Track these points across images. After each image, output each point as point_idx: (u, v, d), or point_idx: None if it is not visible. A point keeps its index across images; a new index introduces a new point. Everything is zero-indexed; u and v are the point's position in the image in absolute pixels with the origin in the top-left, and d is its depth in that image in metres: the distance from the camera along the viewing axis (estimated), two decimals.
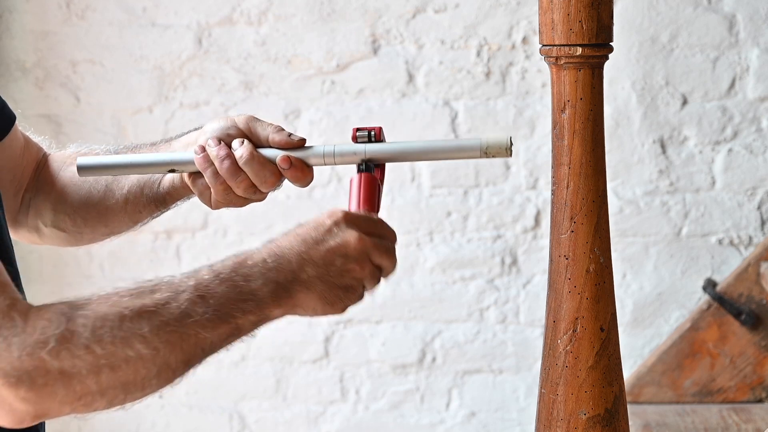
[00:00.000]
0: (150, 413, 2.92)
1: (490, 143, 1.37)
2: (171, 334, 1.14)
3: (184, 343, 1.15)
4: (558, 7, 1.39)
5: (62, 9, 2.79)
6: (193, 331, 1.16)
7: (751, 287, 2.70)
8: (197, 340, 1.16)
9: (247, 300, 1.20)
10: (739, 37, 2.71)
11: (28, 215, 1.58)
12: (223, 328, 1.18)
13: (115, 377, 1.12)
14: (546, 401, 1.44)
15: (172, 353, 1.14)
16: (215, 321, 1.17)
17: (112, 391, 1.13)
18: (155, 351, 1.13)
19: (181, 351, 1.15)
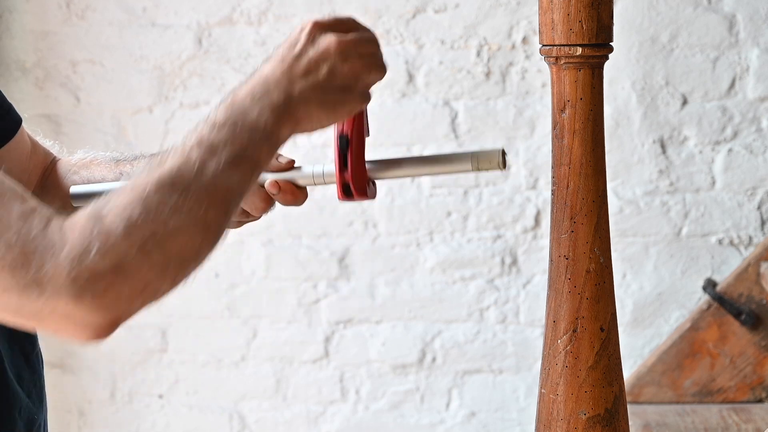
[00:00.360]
0: (150, 413, 2.93)
1: (480, 158, 1.34)
2: (198, 193, 1.14)
3: (213, 196, 1.15)
4: (558, 7, 1.39)
5: (62, 9, 2.79)
6: (217, 181, 1.15)
7: (751, 287, 2.70)
8: (225, 189, 1.16)
9: (252, 132, 1.21)
10: (739, 37, 2.71)
11: None
12: (243, 167, 1.18)
13: (165, 254, 1.11)
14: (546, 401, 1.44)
15: (208, 210, 1.14)
16: (233, 164, 1.17)
17: (170, 268, 1.12)
18: (190, 214, 1.13)
19: (215, 205, 1.15)
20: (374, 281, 2.84)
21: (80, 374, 2.92)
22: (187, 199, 1.13)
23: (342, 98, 1.27)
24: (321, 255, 2.84)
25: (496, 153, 1.34)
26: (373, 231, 2.82)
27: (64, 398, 2.90)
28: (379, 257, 2.83)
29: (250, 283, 2.86)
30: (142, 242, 1.09)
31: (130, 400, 2.93)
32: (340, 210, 2.81)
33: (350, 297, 2.85)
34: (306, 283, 2.85)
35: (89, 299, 1.07)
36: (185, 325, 2.88)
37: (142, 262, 1.09)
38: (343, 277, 2.84)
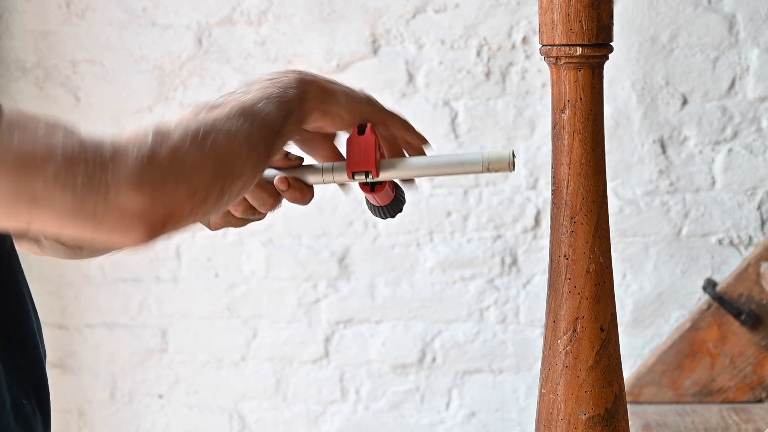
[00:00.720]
0: (150, 413, 2.93)
1: (491, 159, 1.37)
2: (243, 116, 1.21)
3: (254, 120, 1.22)
4: (558, 7, 1.38)
5: (62, 9, 2.79)
6: (260, 114, 1.23)
7: (751, 287, 2.70)
8: (264, 120, 1.23)
9: (280, 104, 1.29)
10: (739, 37, 2.71)
11: None
12: (281, 110, 1.28)
13: (218, 159, 1.16)
14: (546, 401, 1.44)
15: (251, 128, 1.21)
16: (273, 108, 1.26)
17: (221, 171, 1.16)
18: (239, 129, 1.19)
19: (258, 124, 1.22)
20: (374, 281, 2.84)
21: (80, 374, 2.92)
22: (232, 116, 1.20)
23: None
24: (321, 255, 2.84)
25: (507, 155, 1.36)
26: (373, 231, 2.82)
27: (64, 398, 2.90)
28: (379, 257, 2.83)
29: (250, 283, 2.86)
30: (196, 141, 1.15)
31: (130, 400, 2.93)
32: (340, 210, 2.82)
33: (350, 297, 2.85)
34: (306, 283, 2.85)
35: (149, 188, 1.09)
36: (185, 325, 2.88)
37: (197, 159, 1.14)
38: (343, 277, 2.84)
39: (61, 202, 1.07)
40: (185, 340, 2.89)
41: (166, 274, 2.86)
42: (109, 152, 1.09)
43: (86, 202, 1.07)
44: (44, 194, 1.06)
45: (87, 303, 2.89)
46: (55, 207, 1.07)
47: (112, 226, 1.10)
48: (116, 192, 1.08)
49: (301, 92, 1.34)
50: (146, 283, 2.86)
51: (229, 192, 1.18)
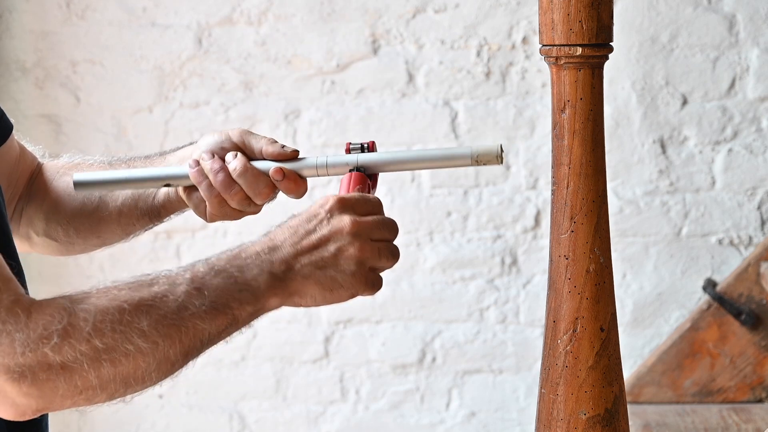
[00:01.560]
0: (150, 413, 2.93)
1: (480, 151, 1.38)
2: (169, 328, 1.15)
3: (182, 335, 1.16)
4: (558, 7, 1.39)
5: (62, 9, 2.79)
6: (191, 323, 1.17)
7: (751, 287, 2.70)
8: (195, 332, 1.17)
9: (242, 290, 1.21)
10: (739, 37, 2.71)
11: (20, 223, 1.59)
12: (221, 320, 1.19)
13: (115, 371, 1.13)
14: (546, 401, 1.44)
15: (171, 346, 1.16)
16: (212, 312, 1.18)
17: (113, 384, 1.14)
18: (154, 344, 1.14)
19: (180, 343, 1.16)
20: None
21: None
22: (158, 328, 1.15)
23: (342, 281, 1.26)
24: None
25: (495, 148, 1.37)
26: None
27: None
28: None
29: None
30: (100, 352, 1.11)
31: (131, 400, 2.92)
32: None
33: None
34: None
35: (27, 384, 1.09)
36: None
37: (91, 370, 1.11)
38: None
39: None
40: None
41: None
42: (6, 333, 1.08)
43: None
44: None
45: None
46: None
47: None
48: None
49: (269, 286, 1.23)
50: None
51: (123, 395, 1.17)
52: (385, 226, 1.29)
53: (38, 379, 1.09)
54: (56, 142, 2.82)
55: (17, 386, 1.09)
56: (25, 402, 1.10)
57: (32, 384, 1.09)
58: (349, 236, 1.26)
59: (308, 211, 1.29)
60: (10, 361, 1.08)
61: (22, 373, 1.08)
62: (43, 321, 1.10)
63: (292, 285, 1.24)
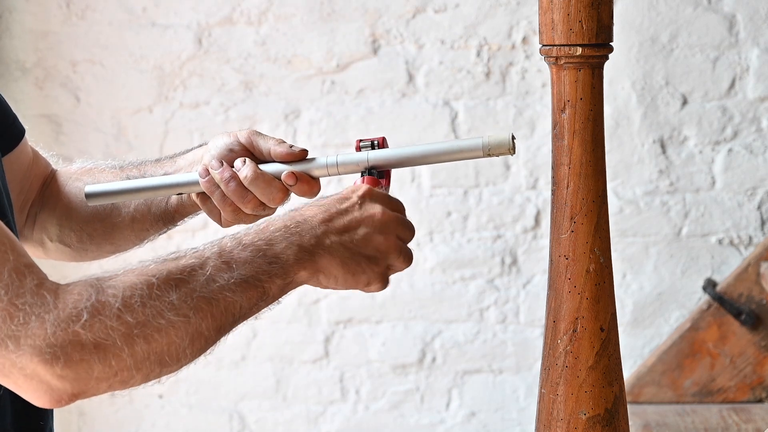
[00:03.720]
0: (150, 413, 2.93)
1: (491, 143, 1.38)
2: (200, 300, 1.14)
3: (213, 309, 1.15)
4: (558, 7, 1.39)
5: (62, 9, 2.79)
6: (222, 296, 1.16)
7: (751, 287, 2.70)
8: (227, 306, 1.16)
9: (271, 263, 1.20)
10: (739, 37, 2.71)
11: (33, 229, 1.58)
12: (251, 292, 1.19)
13: (149, 347, 1.11)
14: (546, 401, 1.44)
15: (204, 320, 1.14)
16: (242, 285, 1.18)
17: (148, 363, 1.12)
18: (186, 318, 1.13)
19: (212, 317, 1.15)
20: None
21: None
22: (188, 302, 1.13)
23: (365, 267, 1.26)
24: None
25: (506, 138, 1.36)
26: None
27: None
28: None
29: None
30: (131, 327, 1.09)
31: (130, 400, 2.93)
32: None
33: (350, 297, 2.85)
34: None
35: (60, 366, 1.07)
36: None
37: (124, 347, 1.09)
38: None
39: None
40: None
41: None
42: (36, 315, 1.06)
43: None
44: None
45: None
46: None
47: (18, 387, 1.08)
48: (27, 359, 1.06)
49: (298, 259, 1.22)
50: None
51: (159, 375, 1.15)
52: (408, 227, 1.30)
53: (72, 360, 1.07)
54: (56, 142, 2.82)
55: (51, 368, 1.06)
56: (61, 386, 1.07)
57: (66, 365, 1.07)
58: (379, 225, 1.27)
59: (340, 194, 1.29)
60: (41, 343, 1.06)
61: (54, 354, 1.06)
62: (72, 300, 1.08)
63: (321, 261, 1.23)
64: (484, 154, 1.38)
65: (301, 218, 1.25)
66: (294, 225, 1.24)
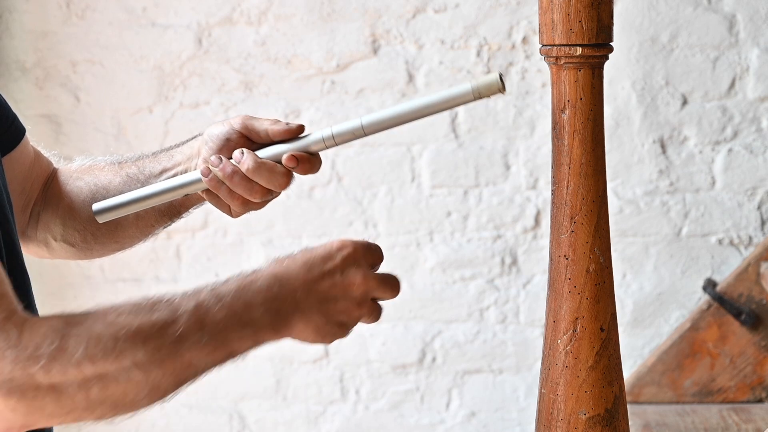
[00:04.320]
0: (150, 413, 2.92)
1: (480, 85, 1.37)
2: (165, 358, 1.14)
3: (177, 366, 1.15)
4: (558, 7, 1.39)
5: (62, 9, 2.79)
6: (188, 355, 1.16)
7: (751, 287, 2.70)
8: (190, 364, 1.17)
9: (245, 327, 1.20)
10: (739, 37, 2.71)
11: (37, 229, 1.58)
12: (218, 353, 1.19)
13: (104, 395, 1.12)
14: (546, 401, 1.44)
15: (164, 376, 1.14)
16: (211, 347, 1.18)
17: (101, 407, 1.13)
18: (147, 373, 1.13)
19: (173, 374, 1.16)
20: None
21: None
22: (152, 358, 1.13)
23: (336, 332, 1.28)
24: None
25: (494, 78, 1.35)
26: (373, 231, 2.82)
27: None
28: None
29: None
30: (90, 377, 1.10)
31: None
32: (340, 210, 2.82)
33: None
34: None
35: (14, 401, 1.08)
36: None
37: (80, 393, 1.10)
38: None
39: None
40: None
41: (166, 274, 2.86)
42: (0, 339, 1.08)
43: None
44: None
45: (87, 303, 2.89)
46: None
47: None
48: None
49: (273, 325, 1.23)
50: (146, 283, 2.86)
51: (112, 418, 1.15)
52: (389, 285, 1.33)
53: (26, 398, 1.09)
54: (56, 142, 2.82)
55: (5, 401, 1.08)
56: (12, 417, 1.09)
57: (19, 401, 1.09)
58: (359, 296, 1.30)
59: (324, 250, 1.28)
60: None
61: (9, 389, 1.08)
62: (35, 341, 1.09)
63: (295, 327, 1.24)
64: (474, 97, 1.36)
65: (284, 277, 1.23)
66: (277, 287, 1.23)
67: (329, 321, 1.26)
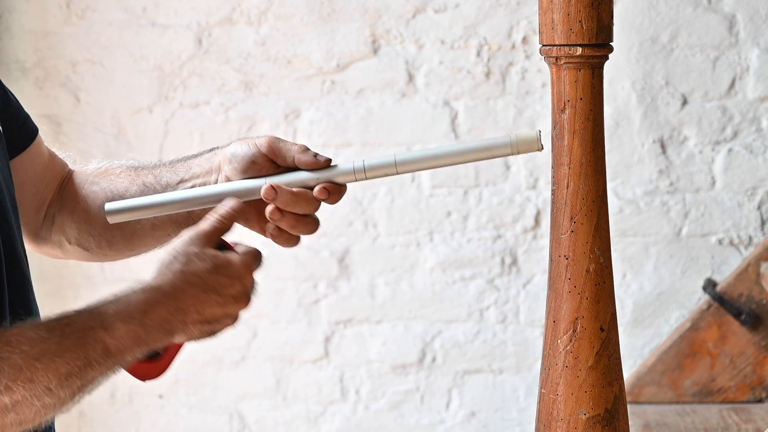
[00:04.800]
0: (150, 413, 2.92)
1: (519, 140, 1.37)
2: (73, 381, 1.23)
3: (82, 384, 1.25)
4: (558, 7, 1.38)
5: (62, 9, 2.79)
6: (92, 374, 1.26)
7: (751, 287, 2.70)
8: (93, 380, 1.28)
9: (142, 346, 1.31)
10: (739, 37, 2.71)
11: (51, 230, 1.57)
12: (117, 369, 1.32)
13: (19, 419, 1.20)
14: (546, 401, 1.44)
15: (70, 394, 1.24)
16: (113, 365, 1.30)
17: (10, 428, 1.20)
18: (56, 395, 1.22)
19: (79, 391, 1.25)
20: (374, 281, 2.84)
21: None
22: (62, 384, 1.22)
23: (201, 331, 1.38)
24: (321, 255, 2.84)
25: (534, 136, 1.37)
26: (373, 231, 2.82)
27: None
28: (379, 257, 2.83)
29: None
30: (8, 408, 1.18)
31: (130, 400, 2.93)
32: (340, 210, 2.82)
33: (350, 297, 2.85)
34: (306, 283, 2.85)
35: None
36: None
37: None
38: (343, 277, 2.84)
39: None
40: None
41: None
42: None
43: None
44: None
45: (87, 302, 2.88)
46: None
47: None
48: None
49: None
50: None
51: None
52: (251, 255, 1.39)
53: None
54: (56, 142, 2.80)
55: None
56: None
57: None
58: (234, 312, 1.35)
59: (228, 272, 1.35)
60: None
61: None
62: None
63: (184, 333, 1.34)
64: (512, 152, 1.38)
65: (182, 300, 1.30)
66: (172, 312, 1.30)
67: (204, 333, 1.35)
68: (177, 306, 1.28)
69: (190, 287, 1.29)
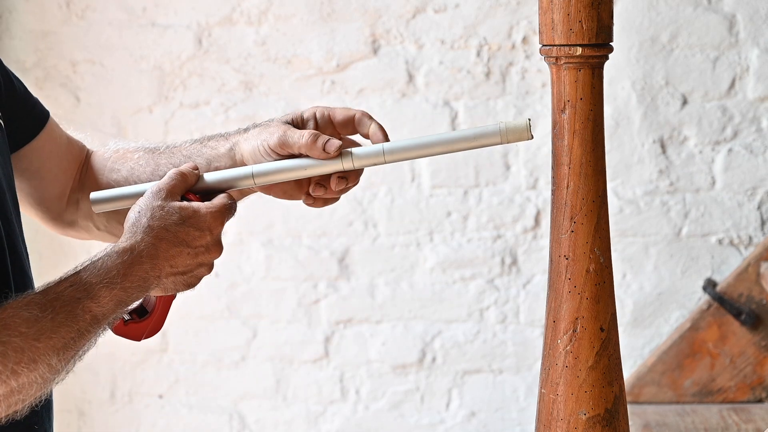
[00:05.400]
0: (150, 413, 2.93)
1: (509, 129, 1.38)
2: (69, 353, 1.26)
3: (76, 353, 1.27)
4: (558, 7, 1.38)
5: (62, 9, 2.79)
6: (83, 343, 1.28)
7: (751, 287, 2.70)
8: (83, 349, 1.29)
9: (124, 307, 1.32)
10: (739, 37, 2.71)
11: (77, 215, 1.57)
12: (101, 333, 1.31)
13: (24, 398, 1.23)
14: (546, 401, 1.44)
15: (66, 365, 1.27)
16: (100, 330, 1.30)
17: (16, 405, 1.23)
18: (57, 373, 1.26)
19: (73, 360, 1.28)
20: (374, 281, 2.84)
21: (80, 374, 2.92)
22: (61, 358, 1.26)
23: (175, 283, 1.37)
24: (321, 255, 2.84)
25: (523, 124, 1.37)
26: (373, 231, 2.82)
27: (64, 398, 2.90)
28: (379, 257, 2.83)
29: (250, 283, 2.86)
30: (14, 391, 1.21)
31: (130, 400, 2.93)
32: (340, 210, 2.82)
33: (350, 297, 2.85)
34: (306, 283, 2.85)
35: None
36: (185, 325, 2.88)
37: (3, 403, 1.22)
38: (343, 277, 2.84)
39: None
40: (185, 340, 2.89)
41: None
42: None
43: None
44: None
45: None
46: None
47: None
48: None
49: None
50: None
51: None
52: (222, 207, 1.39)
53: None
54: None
55: None
56: None
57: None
58: (208, 261, 1.36)
59: (200, 227, 1.34)
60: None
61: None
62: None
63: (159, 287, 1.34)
64: (502, 140, 1.38)
65: (155, 257, 1.31)
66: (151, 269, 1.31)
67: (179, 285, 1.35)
68: (151, 263, 1.31)
69: (160, 242, 1.31)
